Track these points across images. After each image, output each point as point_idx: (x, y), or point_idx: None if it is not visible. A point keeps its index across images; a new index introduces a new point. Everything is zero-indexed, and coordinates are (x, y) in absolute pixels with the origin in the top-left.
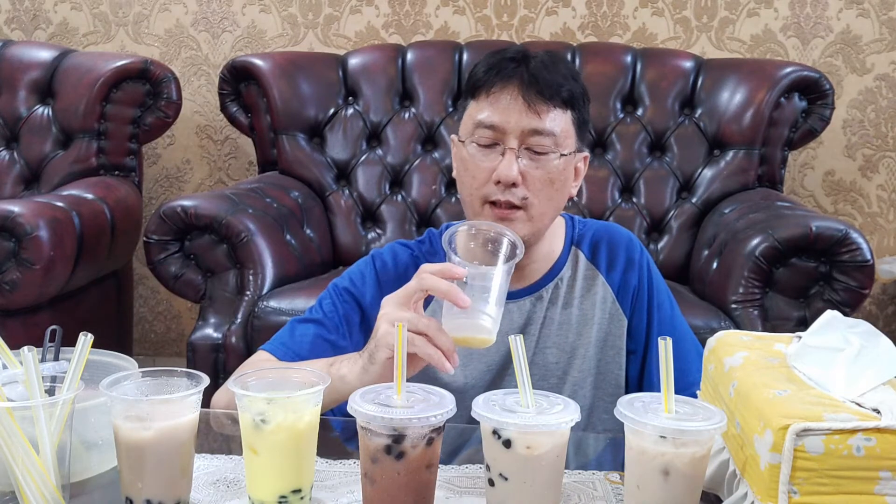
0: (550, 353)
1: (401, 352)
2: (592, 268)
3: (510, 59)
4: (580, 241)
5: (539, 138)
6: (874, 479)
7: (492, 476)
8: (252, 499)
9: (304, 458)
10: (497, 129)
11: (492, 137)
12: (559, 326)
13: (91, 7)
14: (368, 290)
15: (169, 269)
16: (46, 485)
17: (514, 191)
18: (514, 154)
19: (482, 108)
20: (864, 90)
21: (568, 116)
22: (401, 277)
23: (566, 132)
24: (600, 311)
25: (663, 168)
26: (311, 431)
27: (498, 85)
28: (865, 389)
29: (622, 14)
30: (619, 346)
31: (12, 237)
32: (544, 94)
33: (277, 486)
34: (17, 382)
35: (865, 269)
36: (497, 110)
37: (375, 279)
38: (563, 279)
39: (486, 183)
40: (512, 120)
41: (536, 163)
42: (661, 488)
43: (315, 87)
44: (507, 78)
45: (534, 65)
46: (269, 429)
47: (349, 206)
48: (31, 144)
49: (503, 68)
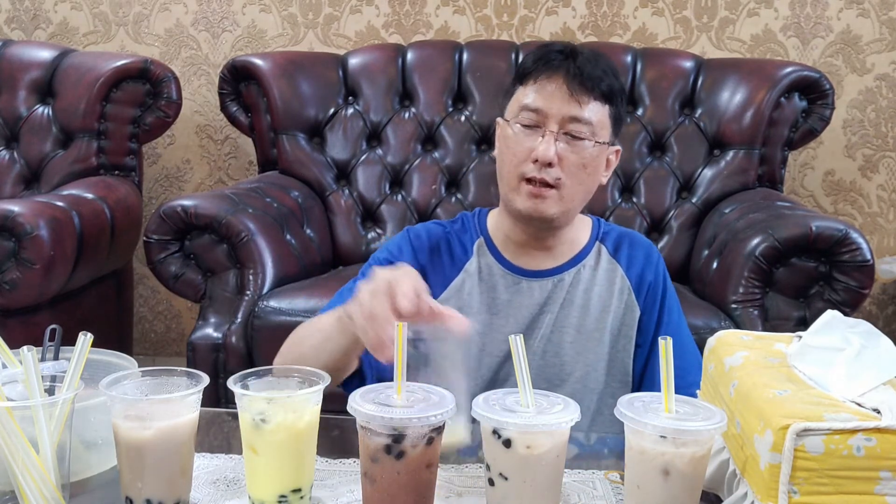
0: (567, 334)
1: (401, 351)
2: (614, 262)
3: (559, 52)
4: (605, 238)
5: (577, 125)
6: (874, 479)
7: (492, 476)
8: (252, 498)
9: (304, 458)
10: (540, 112)
11: (535, 120)
12: (579, 309)
13: (91, 7)
14: (406, 259)
15: (169, 268)
16: (46, 484)
17: (549, 170)
18: (553, 137)
19: (528, 94)
20: (865, 90)
21: (606, 110)
22: (434, 249)
23: (602, 123)
24: (617, 299)
25: (663, 168)
26: (311, 431)
27: (545, 74)
28: (866, 389)
29: (622, 14)
30: (630, 336)
31: (12, 237)
32: (586, 85)
33: (277, 486)
34: (17, 382)
35: (865, 269)
36: (542, 96)
37: (411, 249)
38: (585, 266)
39: (525, 161)
40: (555, 106)
41: (573, 147)
42: (661, 488)
43: (315, 87)
44: (554, 68)
45: (580, 59)
46: (270, 428)
47: (349, 206)
48: (31, 144)
49: (551, 59)
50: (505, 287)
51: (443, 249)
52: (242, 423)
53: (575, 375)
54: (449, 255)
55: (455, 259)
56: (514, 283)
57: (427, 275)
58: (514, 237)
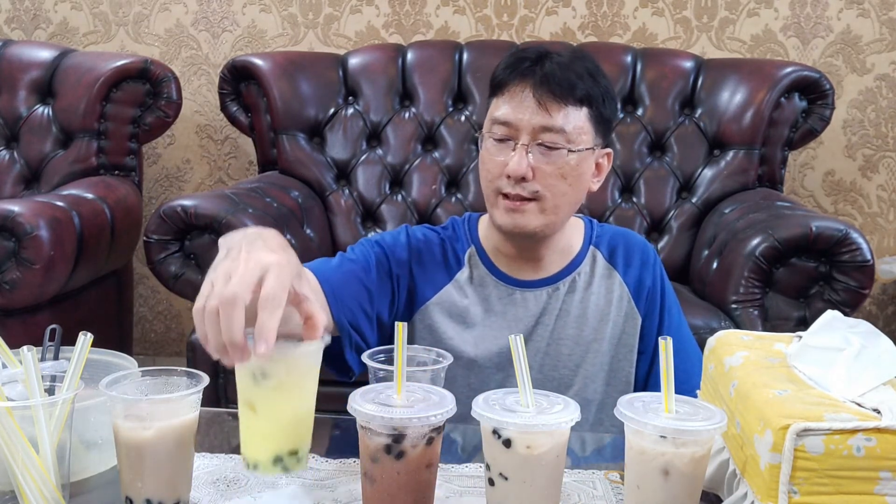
0: (564, 345)
1: (401, 351)
2: (610, 267)
3: (528, 59)
4: (598, 241)
5: (550, 135)
6: (874, 480)
7: (492, 476)
8: (246, 459)
9: (303, 418)
10: (510, 125)
11: (505, 133)
12: (576, 319)
13: (91, 7)
14: (399, 250)
15: (169, 268)
16: (46, 484)
17: (524, 185)
18: (524, 150)
19: (500, 106)
20: (865, 90)
21: (583, 114)
22: (429, 251)
23: (580, 129)
24: (616, 308)
25: (663, 168)
26: (311, 388)
27: (513, 83)
28: (866, 389)
29: (622, 14)
30: (631, 345)
31: (12, 237)
32: (555, 92)
33: (273, 447)
34: (17, 382)
35: (865, 269)
36: (511, 107)
37: (407, 244)
38: (580, 274)
39: (499, 176)
40: (524, 117)
41: (547, 158)
42: (661, 488)
43: (315, 87)
44: (521, 77)
45: (549, 65)
46: (270, 384)
47: (349, 206)
48: (31, 144)
49: (519, 67)
50: (498, 298)
51: (437, 254)
52: (239, 379)
53: (573, 388)
54: (443, 261)
55: (448, 266)
56: (507, 293)
57: (415, 274)
58: (504, 249)
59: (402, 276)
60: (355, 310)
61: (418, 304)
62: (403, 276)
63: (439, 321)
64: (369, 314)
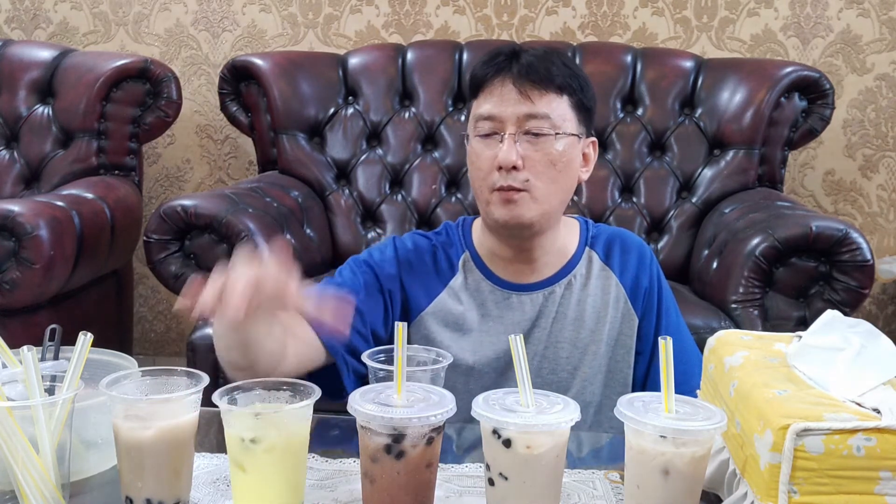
0: (562, 348)
1: (401, 351)
2: (607, 269)
3: (502, 55)
4: (594, 242)
5: (535, 122)
6: (874, 479)
7: (492, 475)
8: None
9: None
10: (495, 119)
11: (491, 127)
12: (573, 322)
13: (91, 6)
14: (387, 265)
15: (169, 268)
16: (46, 484)
17: (515, 174)
18: (512, 139)
19: (481, 104)
20: (865, 90)
21: (565, 101)
22: (419, 260)
23: (563, 116)
24: (613, 310)
25: (663, 168)
26: (302, 448)
27: (492, 79)
28: (866, 389)
29: (622, 14)
30: (629, 346)
31: (12, 237)
32: (535, 81)
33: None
34: (17, 382)
35: (865, 269)
36: (493, 102)
37: (395, 257)
38: (576, 276)
39: (490, 171)
40: (508, 109)
41: (535, 146)
42: (661, 488)
43: (315, 87)
44: (500, 71)
45: (525, 57)
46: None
47: (349, 206)
48: (31, 144)
49: (496, 63)
50: (494, 303)
51: (428, 262)
52: (229, 441)
53: (572, 391)
54: (434, 268)
55: (440, 273)
56: (503, 298)
57: (406, 286)
58: (500, 252)
59: (394, 291)
60: (349, 333)
61: (413, 314)
62: (395, 291)
63: (435, 331)
64: (363, 333)
